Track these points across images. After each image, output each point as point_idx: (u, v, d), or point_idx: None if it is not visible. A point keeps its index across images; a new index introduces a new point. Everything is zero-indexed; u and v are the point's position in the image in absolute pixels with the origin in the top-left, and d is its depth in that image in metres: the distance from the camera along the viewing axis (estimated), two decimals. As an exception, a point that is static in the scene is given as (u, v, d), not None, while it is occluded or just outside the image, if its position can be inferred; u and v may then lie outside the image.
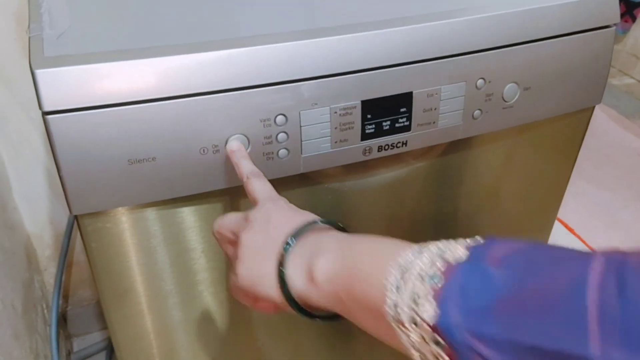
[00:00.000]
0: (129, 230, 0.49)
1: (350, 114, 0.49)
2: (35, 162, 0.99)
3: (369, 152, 0.52)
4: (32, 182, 1.01)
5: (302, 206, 0.55)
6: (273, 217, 0.42)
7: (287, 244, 0.40)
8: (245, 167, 0.46)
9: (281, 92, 0.45)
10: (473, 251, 0.32)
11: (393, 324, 0.33)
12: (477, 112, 0.54)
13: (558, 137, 0.65)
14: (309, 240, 0.40)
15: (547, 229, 0.76)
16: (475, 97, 0.53)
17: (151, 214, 0.49)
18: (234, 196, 0.51)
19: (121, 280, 0.51)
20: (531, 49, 0.53)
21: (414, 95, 0.50)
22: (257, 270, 0.41)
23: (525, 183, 0.68)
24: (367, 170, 0.56)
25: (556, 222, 1.72)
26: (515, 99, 0.55)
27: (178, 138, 0.44)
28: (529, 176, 0.67)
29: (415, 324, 0.31)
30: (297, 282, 0.39)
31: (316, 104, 0.47)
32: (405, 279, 0.32)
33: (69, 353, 1.19)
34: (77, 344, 1.25)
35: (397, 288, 0.33)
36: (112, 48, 0.43)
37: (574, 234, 1.57)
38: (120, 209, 0.47)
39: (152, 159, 0.44)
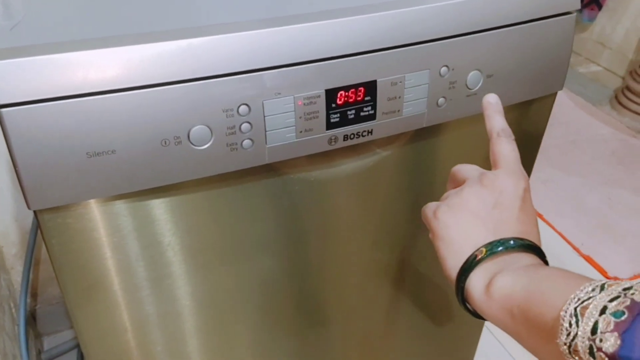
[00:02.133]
0: (91, 225, 0.48)
1: (315, 103, 0.48)
2: (-2, 158, 0.97)
3: (335, 142, 0.52)
4: (-5, 179, 0.99)
5: (270, 197, 0.55)
6: (503, 201, 0.44)
7: (485, 252, 0.42)
8: (498, 122, 0.47)
9: (243, 81, 0.45)
10: None
11: (563, 349, 0.34)
12: (441, 100, 0.54)
13: (522, 124, 0.66)
14: (502, 257, 0.43)
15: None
16: (439, 85, 0.53)
17: (113, 207, 0.48)
18: (201, 187, 0.50)
19: (85, 276, 0.50)
20: (493, 36, 0.54)
21: (378, 83, 0.50)
22: (455, 231, 0.44)
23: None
24: (333, 160, 0.56)
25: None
26: (479, 86, 0.55)
27: (138, 130, 0.43)
28: (494, 163, 0.68)
29: (592, 355, 0.32)
30: (476, 289, 0.42)
31: (279, 93, 0.47)
32: (585, 309, 0.33)
33: (39, 352, 1.17)
34: (48, 343, 1.23)
35: (575, 317, 0.33)
36: (69, 38, 0.42)
37: (543, 219, 1.60)
38: (81, 203, 0.46)
39: (112, 151, 0.43)
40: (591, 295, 0.34)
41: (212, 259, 0.56)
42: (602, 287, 0.34)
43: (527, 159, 0.71)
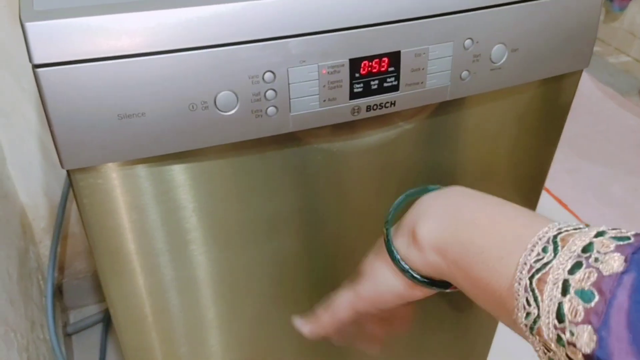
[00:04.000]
0: (119, 187, 0.49)
1: (339, 72, 0.49)
2: (29, 132, 1.00)
3: (358, 112, 0.52)
4: (26, 153, 1.02)
5: (292, 167, 0.56)
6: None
7: (387, 222, 0.42)
8: None
9: (269, 48, 0.46)
10: (633, 259, 0.26)
11: (523, 329, 0.30)
12: (465, 73, 0.54)
13: (546, 101, 0.66)
14: (410, 209, 0.41)
15: (535, 196, 0.77)
16: (463, 58, 0.53)
17: (142, 170, 0.49)
18: (225, 154, 0.52)
19: (113, 237, 0.52)
20: (519, 9, 0.54)
21: (401, 54, 0.51)
22: (370, 271, 0.44)
23: (513, 147, 0.68)
24: (356, 131, 0.57)
25: (550, 198, 1.73)
26: (503, 60, 0.55)
27: (167, 94, 0.44)
28: (517, 141, 0.68)
29: (561, 344, 0.27)
30: (402, 248, 0.40)
31: (304, 61, 0.47)
32: (543, 284, 0.28)
33: (65, 325, 1.21)
34: (74, 316, 1.26)
35: (532, 292, 0.28)
36: (103, 2, 0.43)
37: (568, 209, 1.59)
38: (110, 165, 0.48)
39: (142, 114, 0.45)
40: (544, 259, 0.28)
41: (234, 227, 0.57)
42: (555, 245, 0.29)
43: (551, 138, 0.71)
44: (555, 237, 0.29)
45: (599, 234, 0.28)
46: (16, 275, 0.88)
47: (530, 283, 0.29)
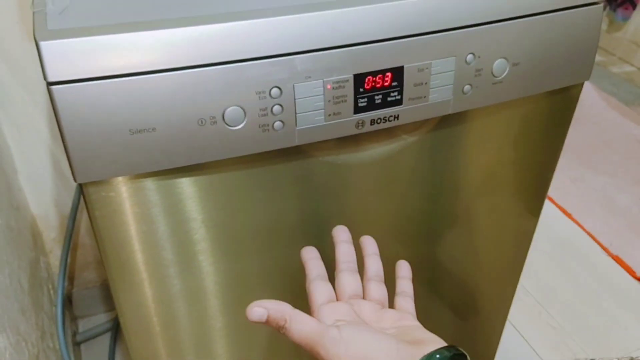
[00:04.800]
0: (130, 200, 0.51)
1: (343, 87, 0.50)
2: (40, 145, 1.02)
3: (362, 126, 0.54)
4: (37, 164, 1.04)
5: (299, 177, 0.57)
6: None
7: None
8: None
9: (275, 65, 0.47)
10: None
11: None
12: (467, 87, 0.56)
13: (548, 114, 0.67)
14: None
15: (538, 207, 0.78)
16: (465, 72, 0.55)
17: (152, 184, 0.51)
18: (232, 167, 0.53)
19: (123, 248, 0.53)
20: (520, 24, 0.55)
21: (405, 69, 0.52)
22: None
23: (516, 159, 0.69)
24: (360, 144, 0.58)
25: (555, 208, 1.73)
26: (505, 74, 0.57)
27: (177, 109, 0.46)
28: (519, 152, 0.69)
29: None
30: None
31: (310, 77, 0.49)
32: None
33: (74, 334, 1.22)
34: (83, 325, 1.28)
35: None
36: (114, 22, 0.45)
37: (572, 219, 1.59)
38: (122, 178, 0.49)
39: (152, 129, 0.46)
40: None
41: (242, 238, 0.58)
42: None
43: (553, 151, 0.72)
44: None
45: None
46: (27, 285, 0.89)
47: None
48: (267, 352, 0.70)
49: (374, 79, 0.51)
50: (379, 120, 0.54)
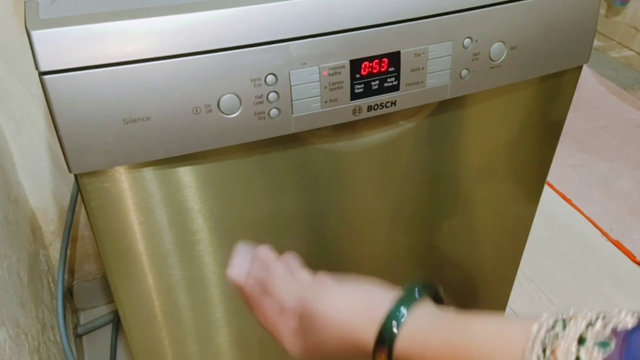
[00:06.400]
0: (126, 190, 0.50)
1: (339, 73, 0.50)
2: (38, 138, 1.01)
3: (359, 112, 0.53)
4: (35, 158, 1.03)
5: (295, 167, 0.57)
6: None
7: (398, 311, 0.39)
8: None
9: (270, 51, 0.47)
10: None
11: None
12: (464, 72, 0.55)
13: (547, 98, 0.66)
14: (419, 315, 0.39)
15: (537, 192, 0.78)
16: (462, 57, 0.54)
17: (148, 173, 0.50)
18: (229, 156, 0.52)
19: (121, 238, 0.53)
20: (517, 7, 0.54)
21: (401, 54, 0.51)
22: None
23: (515, 144, 0.69)
24: (358, 131, 0.58)
25: (554, 193, 1.72)
26: (502, 58, 0.56)
27: (171, 98, 0.45)
28: (518, 137, 0.68)
29: None
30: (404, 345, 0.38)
31: (305, 63, 0.48)
32: (556, 349, 0.29)
33: (75, 326, 1.22)
34: (84, 317, 1.28)
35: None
36: (106, 10, 0.44)
37: (572, 204, 1.59)
38: (117, 168, 0.49)
39: (147, 118, 0.46)
40: (555, 331, 0.30)
41: (240, 227, 0.58)
42: (564, 323, 0.30)
43: (552, 135, 0.72)
44: (564, 319, 0.31)
45: (581, 340, 0.29)
46: (27, 278, 0.89)
47: (544, 352, 0.30)
48: (267, 341, 0.70)
49: (371, 64, 0.51)
50: (376, 107, 0.53)
